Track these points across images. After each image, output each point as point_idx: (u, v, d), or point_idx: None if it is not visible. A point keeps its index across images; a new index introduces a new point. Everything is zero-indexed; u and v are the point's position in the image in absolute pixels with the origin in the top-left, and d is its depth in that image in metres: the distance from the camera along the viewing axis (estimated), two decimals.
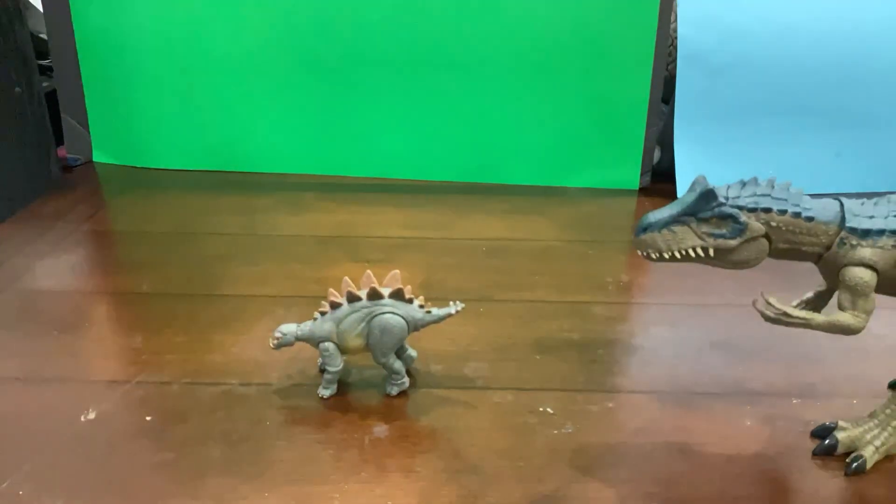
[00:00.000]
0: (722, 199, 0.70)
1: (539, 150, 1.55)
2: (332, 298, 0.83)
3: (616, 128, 1.51)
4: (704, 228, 0.70)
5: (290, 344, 0.84)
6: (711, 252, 0.71)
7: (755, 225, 0.70)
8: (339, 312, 0.83)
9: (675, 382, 0.90)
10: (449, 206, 1.45)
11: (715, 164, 1.49)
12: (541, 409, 0.84)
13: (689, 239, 0.71)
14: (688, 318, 1.05)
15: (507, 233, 1.32)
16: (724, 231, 0.70)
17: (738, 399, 0.87)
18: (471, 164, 1.57)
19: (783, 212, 0.70)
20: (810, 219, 0.70)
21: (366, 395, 0.87)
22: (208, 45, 1.51)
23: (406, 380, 0.87)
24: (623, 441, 0.79)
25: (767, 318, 0.73)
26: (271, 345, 0.84)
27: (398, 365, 0.85)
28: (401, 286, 0.83)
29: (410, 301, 0.84)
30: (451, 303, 0.86)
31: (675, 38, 1.48)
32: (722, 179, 0.74)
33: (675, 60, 1.48)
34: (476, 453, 0.77)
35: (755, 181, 0.72)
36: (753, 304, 0.74)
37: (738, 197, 0.70)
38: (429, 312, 0.84)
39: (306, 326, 0.84)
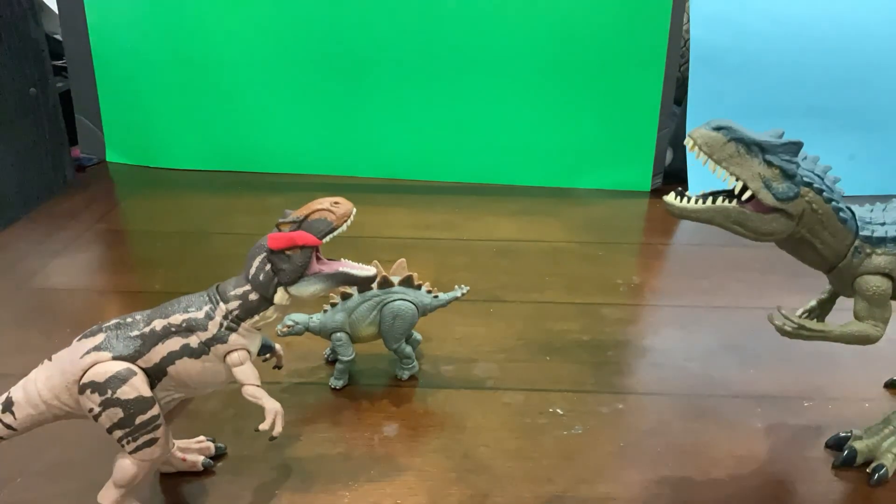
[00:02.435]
0: (799, 160, 0.65)
1: (550, 152, 1.54)
2: (343, 289, 0.84)
3: (628, 129, 1.51)
4: (766, 172, 0.64)
5: (299, 333, 0.85)
6: (748, 195, 0.65)
7: (801, 201, 0.65)
8: (351, 303, 0.84)
9: (686, 384, 0.90)
10: (459, 206, 1.45)
11: None
12: (550, 409, 0.84)
13: (744, 169, 0.64)
14: (698, 320, 1.04)
15: (517, 234, 1.32)
16: (778, 187, 0.64)
17: (749, 401, 0.86)
18: (481, 165, 1.57)
19: (829, 200, 0.66)
20: (844, 220, 0.68)
21: (375, 394, 0.87)
22: (222, 46, 1.52)
23: (416, 364, 0.89)
24: (633, 443, 0.79)
25: (784, 333, 0.71)
26: (279, 332, 0.84)
27: (409, 350, 0.88)
28: (410, 273, 0.85)
29: (419, 287, 0.86)
30: (457, 286, 0.90)
31: (688, 39, 1.48)
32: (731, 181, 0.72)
33: (687, 62, 1.48)
34: (485, 453, 0.77)
35: (815, 160, 0.67)
36: (770, 319, 0.72)
37: (799, 165, 0.65)
38: (436, 297, 0.88)
39: (317, 318, 0.85)
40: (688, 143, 0.65)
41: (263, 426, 0.65)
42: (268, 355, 0.73)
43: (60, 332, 0.98)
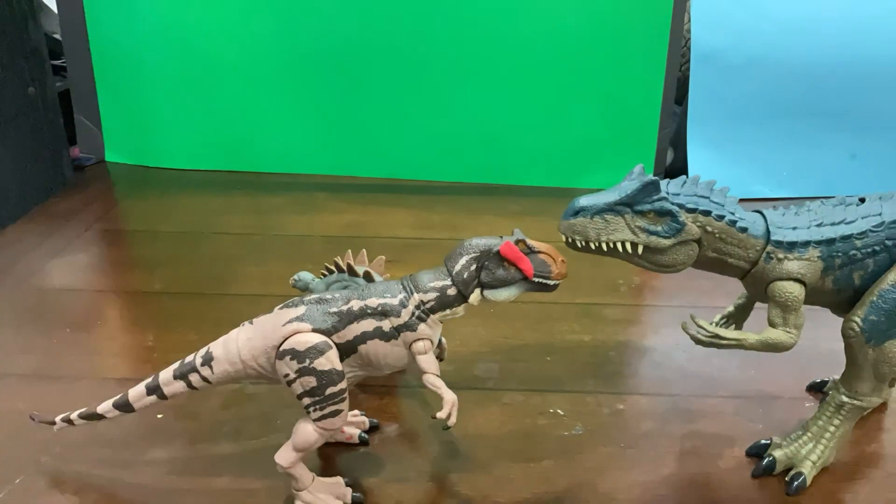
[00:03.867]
0: (664, 194, 0.66)
1: (551, 152, 1.54)
2: (329, 265, 0.85)
3: (628, 129, 1.51)
4: (639, 222, 0.66)
5: (302, 289, 0.86)
6: (640, 249, 0.67)
7: (692, 227, 0.66)
8: (330, 278, 0.86)
9: (687, 385, 0.89)
10: (459, 207, 1.44)
11: (728, 166, 1.49)
12: (551, 410, 0.84)
13: (620, 231, 0.66)
14: None
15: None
16: (659, 228, 0.66)
17: (751, 402, 0.86)
18: (482, 164, 1.56)
19: (720, 217, 0.66)
20: (744, 230, 0.67)
21: (376, 395, 0.87)
22: (220, 45, 1.52)
23: None
24: (633, 443, 0.79)
25: (698, 342, 0.70)
26: (290, 282, 0.88)
27: None
28: (369, 270, 0.85)
29: None
30: None
31: (689, 38, 1.47)
32: (735, 182, 0.72)
33: (688, 61, 1.48)
34: (485, 454, 0.77)
35: (695, 181, 0.68)
36: (683, 328, 0.71)
37: (679, 195, 0.66)
38: None
39: (316, 281, 0.87)
40: (563, 240, 0.69)
41: (441, 414, 0.66)
42: None
43: (59, 332, 0.98)
